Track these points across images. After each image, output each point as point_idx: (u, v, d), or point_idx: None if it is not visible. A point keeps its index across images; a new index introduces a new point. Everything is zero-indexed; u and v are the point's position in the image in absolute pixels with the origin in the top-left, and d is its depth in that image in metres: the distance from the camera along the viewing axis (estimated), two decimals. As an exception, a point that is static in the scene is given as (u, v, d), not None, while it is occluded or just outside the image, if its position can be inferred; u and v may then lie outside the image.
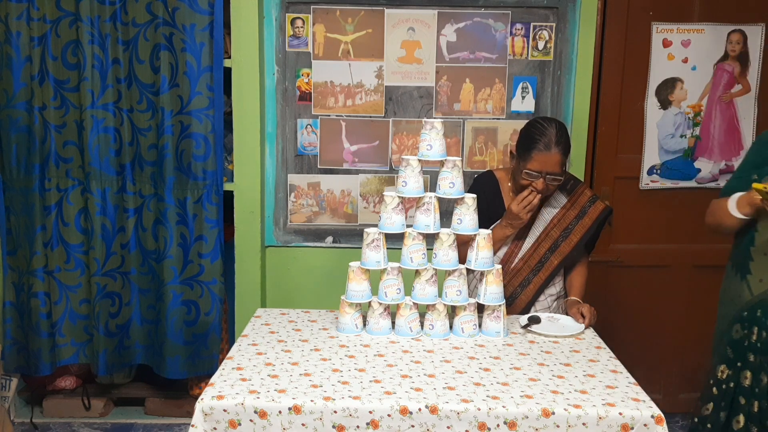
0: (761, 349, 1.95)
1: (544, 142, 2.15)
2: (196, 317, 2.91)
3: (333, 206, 3.08)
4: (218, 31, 2.76)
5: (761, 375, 1.94)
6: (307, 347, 1.98)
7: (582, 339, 2.11)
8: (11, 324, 2.94)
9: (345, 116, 3.02)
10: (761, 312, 1.95)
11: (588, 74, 2.95)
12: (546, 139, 2.15)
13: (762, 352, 1.95)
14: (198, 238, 2.86)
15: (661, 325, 3.18)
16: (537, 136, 2.17)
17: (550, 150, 2.15)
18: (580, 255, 2.39)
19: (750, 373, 1.97)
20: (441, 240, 2.07)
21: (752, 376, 1.96)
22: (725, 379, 2.04)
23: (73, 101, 2.80)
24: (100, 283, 2.89)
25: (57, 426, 3.06)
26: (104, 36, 2.75)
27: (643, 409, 1.63)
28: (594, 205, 2.34)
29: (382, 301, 2.09)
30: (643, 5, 2.94)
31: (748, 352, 1.98)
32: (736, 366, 2.01)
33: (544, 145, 2.15)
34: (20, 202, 2.86)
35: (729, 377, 2.03)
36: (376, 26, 2.94)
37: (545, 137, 2.16)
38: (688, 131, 3.04)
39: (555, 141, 2.15)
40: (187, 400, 3.08)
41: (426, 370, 1.83)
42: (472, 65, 2.98)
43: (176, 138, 2.80)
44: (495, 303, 2.08)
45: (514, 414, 1.60)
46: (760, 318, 1.95)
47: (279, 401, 1.62)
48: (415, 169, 2.07)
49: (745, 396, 1.98)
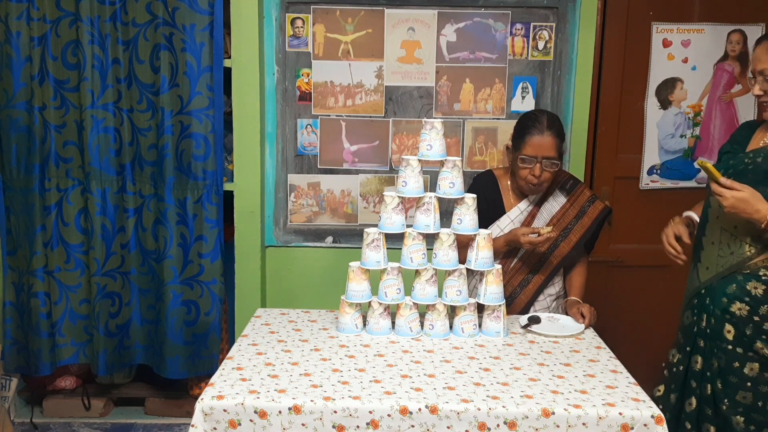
0: (710, 335, 2.00)
1: (537, 127, 2.20)
2: (196, 317, 2.91)
3: (333, 206, 3.08)
4: (218, 31, 2.76)
5: (712, 360, 1.99)
6: (307, 347, 1.98)
7: (582, 339, 2.11)
8: (11, 324, 2.94)
9: (345, 116, 3.02)
10: (709, 299, 2.00)
11: (588, 74, 2.95)
12: (539, 125, 2.21)
13: (711, 338, 2.00)
14: (198, 238, 2.86)
15: (661, 325, 3.18)
16: (529, 122, 2.23)
17: (543, 133, 2.19)
18: (579, 255, 2.39)
19: (701, 358, 2.02)
20: (441, 240, 2.07)
21: (703, 361, 2.02)
22: (676, 362, 2.11)
23: (73, 101, 2.80)
24: (100, 283, 2.89)
25: (57, 426, 3.05)
26: (104, 36, 2.75)
27: (643, 409, 1.63)
28: (593, 205, 2.35)
29: (382, 301, 2.09)
30: (643, 5, 2.94)
31: (698, 337, 2.03)
32: (686, 351, 2.07)
33: (537, 129, 2.20)
34: (20, 202, 2.86)
35: (679, 361, 2.09)
36: (376, 26, 2.94)
37: (538, 123, 2.21)
38: (688, 131, 3.04)
39: (548, 125, 2.21)
40: (187, 400, 3.08)
41: (426, 370, 1.83)
42: (472, 65, 2.98)
43: (176, 138, 2.80)
44: (495, 303, 2.08)
45: (514, 414, 1.60)
46: (708, 305, 2.00)
47: (279, 401, 1.62)
48: (415, 169, 2.08)
49: (696, 380, 2.03)
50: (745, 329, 1.93)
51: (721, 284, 1.98)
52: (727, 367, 1.97)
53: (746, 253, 1.93)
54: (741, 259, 1.94)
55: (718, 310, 1.98)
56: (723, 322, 1.97)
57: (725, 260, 1.97)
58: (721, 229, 1.99)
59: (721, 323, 1.97)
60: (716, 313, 1.98)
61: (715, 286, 1.99)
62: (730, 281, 1.96)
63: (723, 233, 1.98)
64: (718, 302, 1.98)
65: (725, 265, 1.97)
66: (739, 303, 1.94)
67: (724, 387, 1.97)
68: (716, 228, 2.01)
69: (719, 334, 1.98)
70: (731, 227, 1.96)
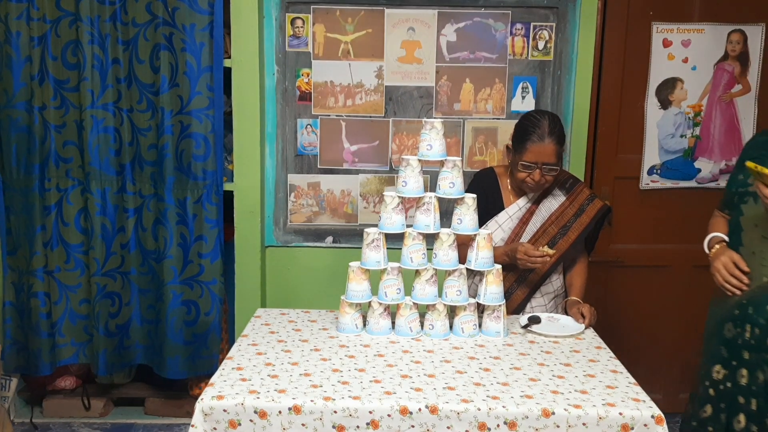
0: (755, 346, 1.95)
1: (538, 133, 2.18)
2: (196, 317, 2.91)
3: (333, 206, 3.08)
4: (218, 31, 2.76)
5: (757, 372, 1.94)
6: (307, 347, 1.98)
7: (582, 339, 2.11)
8: (11, 324, 2.94)
9: (345, 116, 3.02)
10: (752, 309, 1.95)
11: (588, 74, 2.95)
12: (540, 131, 2.18)
13: (756, 349, 1.94)
14: (198, 238, 2.86)
15: (661, 325, 3.18)
16: (530, 128, 2.20)
17: (543, 141, 2.17)
18: (578, 253, 2.39)
19: (746, 371, 1.96)
20: (441, 240, 2.07)
21: (748, 374, 1.96)
22: (722, 379, 2.03)
23: (73, 101, 2.80)
24: (100, 283, 2.89)
25: (57, 426, 3.05)
26: (104, 36, 2.75)
27: (643, 409, 1.62)
28: (592, 203, 2.35)
29: (382, 301, 2.09)
30: (643, 5, 2.94)
31: (743, 350, 1.97)
32: (732, 365, 2.00)
33: (537, 136, 2.18)
34: (20, 202, 2.86)
35: (726, 377, 2.02)
36: (376, 26, 2.94)
37: (539, 129, 2.19)
38: (688, 131, 3.04)
39: (548, 131, 2.18)
40: (187, 400, 3.08)
41: (426, 370, 1.83)
42: (472, 65, 2.97)
43: (176, 138, 2.80)
44: (495, 303, 2.08)
45: (514, 414, 1.60)
46: (752, 315, 1.95)
47: (279, 401, 1.62)
48: (415, 169, 2.08)
49: (743, 395, 1.97)
50: None
51: (764, 294, 1.92)
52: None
53: None
54: None
55: (763, 320, 1.92)
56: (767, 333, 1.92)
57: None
58: (762, 237, 1.93)
59: (766, 333, 1.92)
60: (761, 323, 1.92)
61: (759, 295, 1.93)
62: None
63: (764, 241, 1.93)
64: (762, 312, 1.92)
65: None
66: None
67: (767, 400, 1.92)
68: (756, 236, 1.95)
69: (764, 345, 1.92)
70: None
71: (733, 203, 2.05)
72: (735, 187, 2.05)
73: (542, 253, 2.14)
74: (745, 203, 1.99)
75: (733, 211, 2.05)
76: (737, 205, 2.02)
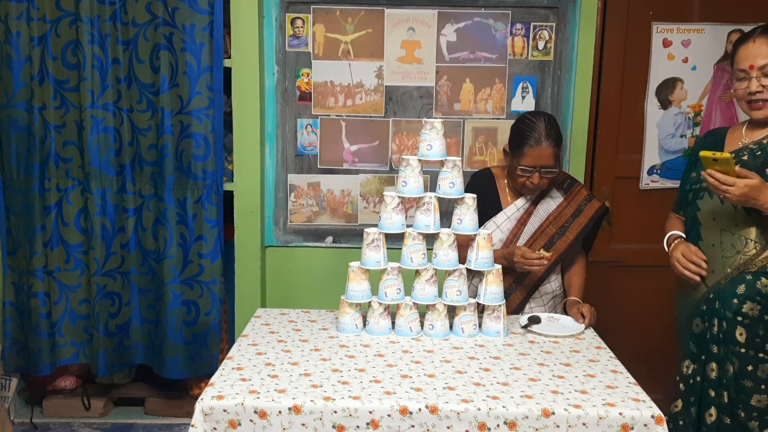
0: (723, 339, 1.96)
1: (535, 137, 2.18)
2: (196, 317, 2.91)
3: (333, 206, 3.08)
4: (218, 31, 2.76)
5: (727, 365, 1.95)
6: (307, 347, 1.98)
7: (582, 339, 2.11)
8: (11, 324, 2.94)
9: (345, 116, 3.02)
10: (719, 303, 1.96)
11: (588, 74, 2.95)
12: (536, 134, 2.18)
13: (725, 342, 1.96)
14: (198, 238, 2.86)
15: (661, 325, 3.17)
16: (527, 131, 2.20)
17: (541, 144, 2.18)
18: (576, 253, 2.40)
19: (716, 365, 1.98)
20: (441, 240, 2.07)
21: (718, 367, 1.98)
22: (691, 374, 2.05)
23: (73, 101, 2.80)
24: (100, 283, 2.89)
25: (57, 426, 3.05)
26: (104, 36, 2.75)
27: (643, 409, 1.63)
28: (590, 204, 2.35)
29: (382, 301, 2.09)
30: (643, 5, 2.94)
31: (711, 344, 1.99)
32: (701, 359, 2.02)
33: (534, 140, 2.18)
34: (20, 202, 2.86)
35: (695, 371, 2.04)
36: (376, 26, 2.94)
37: (535, 132, 2.18)
38: (688, 131, 3.04)
39: (545, 135, 2.18)
40: (187, 400, 3.08)
41: (426, 370, 1.83)
42: (472, 65, 2.97)
43: (176, 138, 2.80)
44: (495, 303, 2.08)
45: (514, 414, 1.60)
46: (718, 309, 1.96)
47: (279, 401, 1.62)
48: (415, 169, 2.08)
49: (713, 388, 1.99)
50: (758, 330, 1.91)
51: (730, 286, 1.94)
52: (741, 372, 1.93)
53: (752, 250, 1.91)
54: (748, 257, 1.91)
55: (730, 313, 1.94)
56: (735, 325, 1.93)
57: (731, 260, 1.94)
58: (721, 230, 1.97)
59: (733, 326, 1.94)
60: (727, 317, 1.94)
61: (724, 288, 1.95)
62: (738, 282, 1.93)
63: (724, 234, 1.96)
64: (728, 305, 1.94)
65: (733, 266, 1.94)
66: (751, 303, 1.91)
67: (738, 392, 1.93)
68: (715, 230, 1.99)
69: (732, 338, 1.94)
70: (732, 226, 1.94)
71: (688, 201, 2.08)
72: (689, 185, 2.09)
73: (539, 256, 2.14)
74: (700, 198, 2.02)
75: (689, 209, 2.08)
76: (692, 201, 2.05)
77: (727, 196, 1.82)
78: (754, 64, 1.91)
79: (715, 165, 1.80)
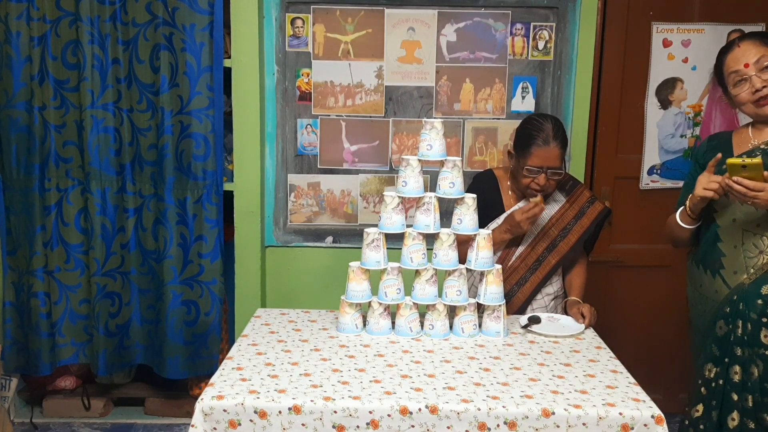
0: (748, 342, 1.93)
1: (542, 137, 2.17)
2: (196, 317, 2.91)
3: (333, 206, 3.08)
4: (218, 31, 2.76)
5: (751, 368, 1.92)
6: (307, 347, 1.98)
7: (582, 339, 2.11)
8: (11, 324, 2.94)
9: (345, 116, 3.02)
10: (743, 305, 1.93)
11: (588, 74, 2.95)
12: (544, 135, 2.17)
13: (749, 344, 1.93)
14: (198, 238, 2.86)
15: (661, 325, 3.18)
16: (534, 132, 2.19)
17: (548, 145, 2.17)
18: (578, 255, 2.39)
19: (739, 368, 1.95)
20: (441, 240, 2.07)
21: (741, 370, 1.94)
22: (714, 377, 2.01)
23: (73, 101, 2.80)
24: (100, 283, 2.89)
25: (57, 426, 3.06)
26: (104, 36, 2.75)
27: (643, 409, 1.63)
28: (593, 206, 2.35)
29: (382, 301, 2.09)
30: (643, 5, 2.94)
31: (735, 346, 1.96)
32: (724, 362, 1.98)
33: (542, 140, 2.17)
34: (20, 202, 2.86)
35: (717, 375, 2.00)
36: (376, 26, 2.94)
37: (543, 132, 2.18)
38: (688, 131, 3.04)
39: (553, 135, 2.18)
40: (187, 400, 3.08)
41: (426, 370, 1.83)
42: (472, 65, 2.97)
43: (176, 138, 2.80)
44: (495, 303, 2.08)
45: (514, 414, 1.60)
46: (743, 311, 1.93)
47: (279, 401, 1.62)
48: (415, 169, 2.08)
49: (736, 392, 1.95)
50: None
51: (754, 287, 1.91)
52: (766, 374, 1.90)
53: None
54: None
55: (754, 314, 1.91)
56: (760, 327, 1.90)
57: (754, 260, 1.92)
58: (743, 231, 1.94)
59: (758, 328, 1.90)
60: (752, 318, 1.91)
61: (748, 289, 1.92)
62: (762, 282, 1.90)
63: (746, 234, 1.93)
64: (752, 306, 1.91)
65: (756, 266, 1.91)
66: None
67: (763, 396, 1.90)
68: (735, 231, 1.95)
69: (756, 340, 1.91)
70: (753, 227, 1.92)
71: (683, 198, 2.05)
72: None
73: (534, 203, 2.16)
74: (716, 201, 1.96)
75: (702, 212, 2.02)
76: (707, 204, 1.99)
77: (756, 202, 1.79)
78: (748, 61, 1.90)
79: (743, 172, 1.78)
